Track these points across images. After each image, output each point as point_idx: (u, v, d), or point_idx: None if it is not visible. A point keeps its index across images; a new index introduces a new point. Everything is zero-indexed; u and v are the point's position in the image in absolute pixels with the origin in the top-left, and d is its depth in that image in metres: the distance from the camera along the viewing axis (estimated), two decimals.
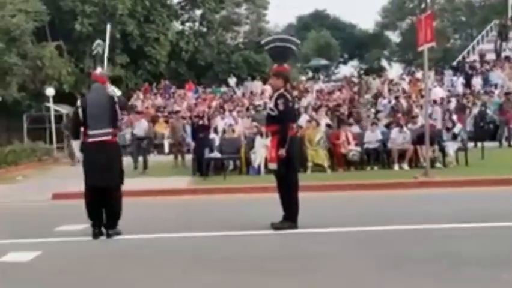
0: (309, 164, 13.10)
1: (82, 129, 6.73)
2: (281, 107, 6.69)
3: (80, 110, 6.65)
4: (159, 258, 5.72)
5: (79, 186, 6.86)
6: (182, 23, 38.92)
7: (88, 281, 5.00)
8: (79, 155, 6.73)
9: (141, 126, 15.68)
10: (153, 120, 21.36)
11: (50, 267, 5.44)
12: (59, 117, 23.86)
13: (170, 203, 9.89)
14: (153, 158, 16.96)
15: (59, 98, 23.40)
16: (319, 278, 4.81)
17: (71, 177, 10.99)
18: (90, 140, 6.59)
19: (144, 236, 6.71)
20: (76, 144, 6.79)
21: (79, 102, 6.79)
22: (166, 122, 20.60)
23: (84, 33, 27.97)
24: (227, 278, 4.88)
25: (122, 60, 30.35)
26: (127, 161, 13.64)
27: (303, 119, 15.98)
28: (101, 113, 6.57)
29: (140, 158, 14.93)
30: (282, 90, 6.82)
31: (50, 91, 22.06)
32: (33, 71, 24.10)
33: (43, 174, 15.94)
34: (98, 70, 7.10)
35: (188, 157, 15.02)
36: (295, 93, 22.84)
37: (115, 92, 6.75)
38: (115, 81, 24.78)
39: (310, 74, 45.81)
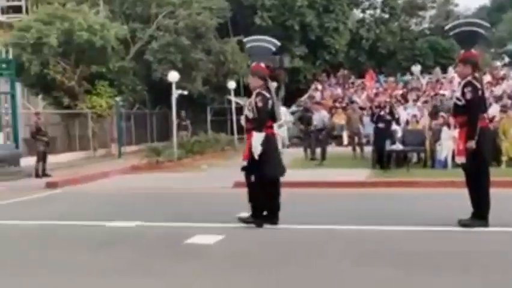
0: (504, 158, 12.13)
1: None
2: (469, 95, 6.35)
3: (270, 102, 6.70)
4: (329, 248, 5.81)
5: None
6: (363, 11, 37.76)
7: (261, 266, 5.21)
8: (260, 148, 6.56)
9: (320, 117, 15.46)
10: (331, 111, 20.89)
11: (231, 251, 5.83)
12: (239, 110, 24.45)
13: (348, 195, 9.78)
14: (331, 149, 16.57)
15: (239, 91, 24.01)
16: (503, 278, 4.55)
17: None
18: (273, 131, 6.79)
19: (318, 226, 6.82)
20: (261, 137, 6.60)
21: (268, 94, 6.72)
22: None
23: (263, 27, 28.31)
24: (401, 275, 4.73)
25: (300, 51, 30.23)
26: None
27: (495, 109, 14.30)
28: (277, 105, 6.86)
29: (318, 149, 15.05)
30: (469, 78, 6.45)
31: (231, 84, 22.67)
32: (216, 65, 25.00)
33: (226, 164, 16.29)
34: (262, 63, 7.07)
35: (368, 149, 14.77)
36: (487, 80, 20.67)
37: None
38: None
39: (507, 59, 41.66)
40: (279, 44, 7.42)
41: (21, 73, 18.30)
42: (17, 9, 25.75)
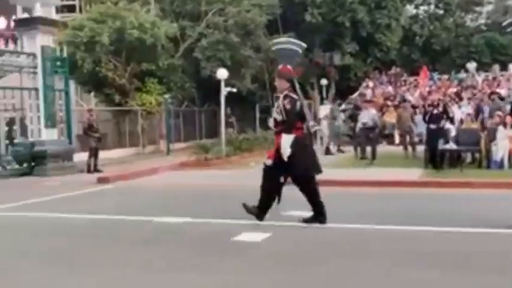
0: None
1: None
2: None
3: (298, 104, 6.68)
4: (374, 248, 5.70)
5: None
6: (416, 7, 36.86)
7: (306, 264, 5.14)
8: (289, 150, 6.52)
9: (369, 115, 15.18)
10: (382, 109, 20.47)
11: (277, 249, 5.79)
12: None
13: (399, 195, 9.57)
14: (381, 148, 16.26)
15: None
16: None
17: None
18: (304, 132, 6.77)
19: (367, 226, 6.70)
20: (290, 139, 6.56)
21: (295, 96, 6.72)
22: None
23: (313, 24, 28.02)
24: (440, 276, 4.57)
25: (351, 48, 29.73)
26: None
27: None
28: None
29: (369, 148, 14.75)
30: None
31: None
32: (265, 62, 24.90)
33: None
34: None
35: (420, 148, 14.44)
36: None
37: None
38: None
39: None
40: (305, 46, 7.43)
41: (74, 71, 18.72)
42: (71, 9, 26.45)
